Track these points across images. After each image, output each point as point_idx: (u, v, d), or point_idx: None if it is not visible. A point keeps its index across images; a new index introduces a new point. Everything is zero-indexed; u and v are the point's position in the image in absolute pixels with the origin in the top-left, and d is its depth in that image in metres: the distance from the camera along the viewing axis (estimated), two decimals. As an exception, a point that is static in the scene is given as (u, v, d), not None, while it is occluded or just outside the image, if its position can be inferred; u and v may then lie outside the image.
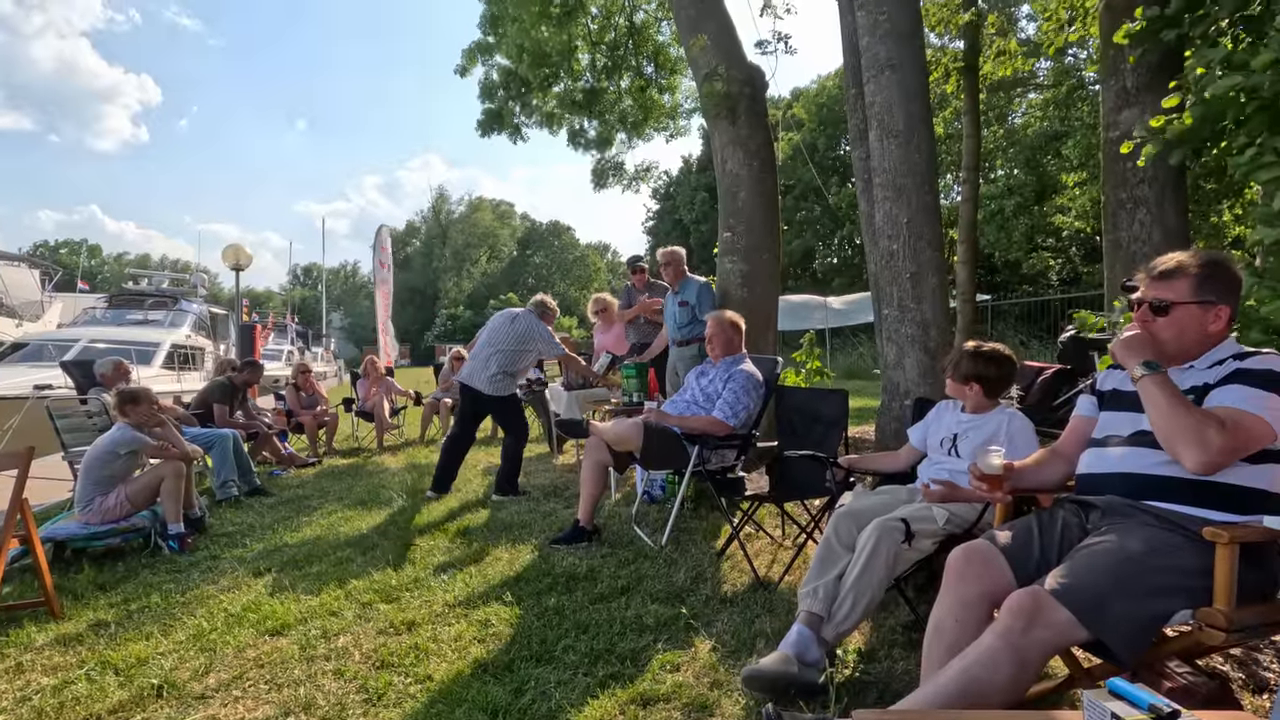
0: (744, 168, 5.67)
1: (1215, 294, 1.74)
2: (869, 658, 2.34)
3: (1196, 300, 1.75)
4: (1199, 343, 1.77)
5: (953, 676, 1.48)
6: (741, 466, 3.84)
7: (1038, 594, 1.51)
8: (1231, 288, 1.76)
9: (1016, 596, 1.52)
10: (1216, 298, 1.74)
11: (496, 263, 58.50)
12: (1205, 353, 1.78)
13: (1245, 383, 1.63)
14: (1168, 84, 3.45)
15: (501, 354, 5.03)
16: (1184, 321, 1.76)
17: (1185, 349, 1.79)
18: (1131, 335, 1.76)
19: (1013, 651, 1.45)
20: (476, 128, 9.85)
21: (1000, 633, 1.48)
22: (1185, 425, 1.58)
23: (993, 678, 1.44)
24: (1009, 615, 1.49)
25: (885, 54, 4.10)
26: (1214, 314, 1.74)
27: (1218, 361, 1.74)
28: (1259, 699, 2.05)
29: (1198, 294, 1.75)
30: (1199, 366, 1.77)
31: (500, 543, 3.82)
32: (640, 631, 2.59)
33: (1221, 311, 1.74)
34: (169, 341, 12.43)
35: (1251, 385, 1.62)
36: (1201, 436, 1.56)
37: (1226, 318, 1.75)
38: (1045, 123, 18.49)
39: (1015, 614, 1.48)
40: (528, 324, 5.14)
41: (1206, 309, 1.74)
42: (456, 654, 2.49)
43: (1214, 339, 1.77)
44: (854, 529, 2.30)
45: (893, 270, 4.14)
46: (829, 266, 28.03)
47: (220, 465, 5.36)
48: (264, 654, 2.57)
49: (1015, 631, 1.46)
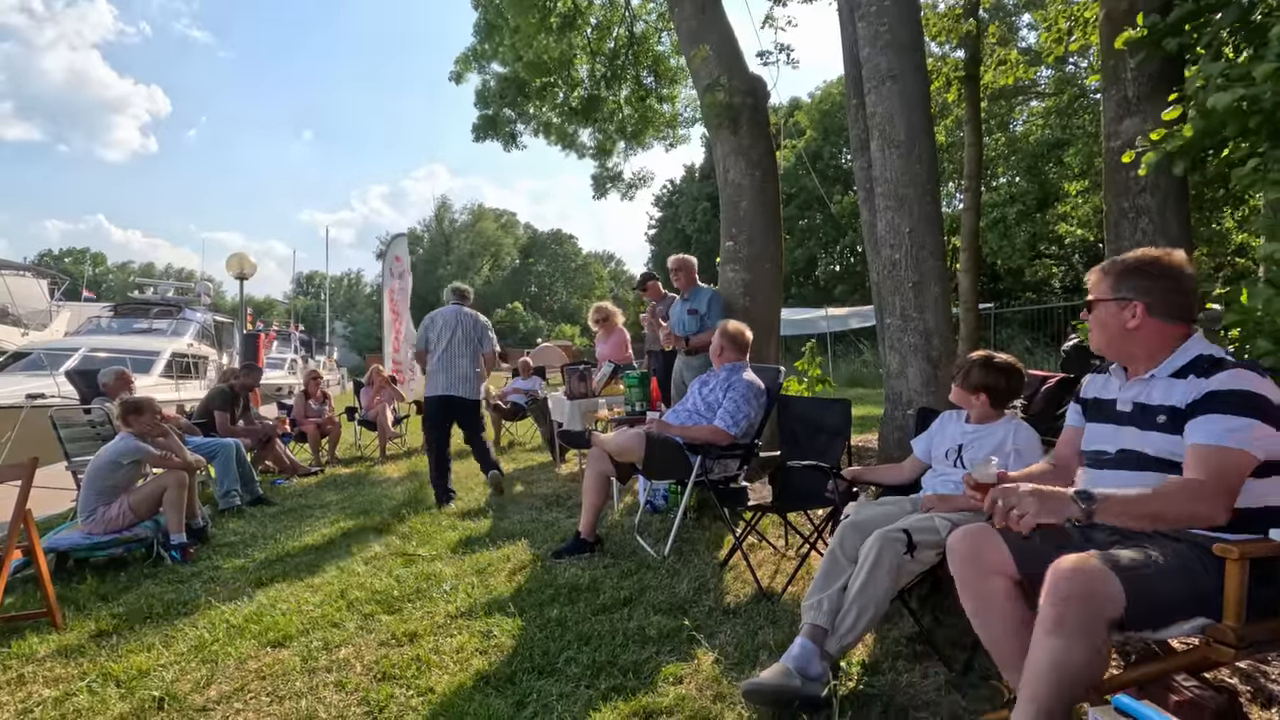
0: (746, 177, 5.68)
1: (1131, 291, 1.73)
2: (873, 670, 2.32)
3: (1113, 297, 1.75)
4: (1131, 341, 1.75)
5: (1043, 685, 1.44)
6: (744, 476, 3.83)
7: (1084, 569, 1.44)
8: (1153, 285, 1.71)
9: (1062, 584, 1.44)
10: (1132, 294, 1.72)
11: (499, 271, 58.67)
12: (1162, 357, 1.73)
13: (1221, 410, 1.56)
14: (1169, 93, 3.45)
15: (474, 351, 5.10)
16: (1104, 318, 1.77)
17: (1127, 350, 1.78)
18: (1037, 493, 1.49)
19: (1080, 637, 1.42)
20: (471, 132, 9.91)
21: (1052, 627, 1.43)
22: (1169, 509, 1.51)
23: (1076, 668, 1.43)
24: (1060, 603, 1.44)
25: (886, 65, 4.11)
26: (1130, 310, 1.73)
27: (1179, 371, 1.69)
28: (1267, 713, 2.03)
29: (1114, 291, 1.75)
30: (1160, 375, 1.72)
31: (502, 552, 3.81)
32: (643, 643, 2.57)
33: (1136, 308, 1.72)
34: (169, 350, 12.45)
35: (1229, 413, 1.55)
36: (1193, 509, 1.50)
37: (1143, 314, 1.72)
38: (1047, 131, 18.52)
39: (1064, 601, 1.43)
40: (479, 316, 5.25)
41: (1122, 306, 1.73)
42: (458, 666, 2.48)
43: (1150, 339, 1.73)
44: (858, 541, 2.28)
45: (895, 279, 4.14)
46: (831, 275, 28.04)
47: (223, 475, 5.37)
48: (265, 665, 2.56)
49: (1070, 620, 1.42)
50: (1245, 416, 1.54)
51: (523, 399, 8.37)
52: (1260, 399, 1.56)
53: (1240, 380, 1.58)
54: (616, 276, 65.01)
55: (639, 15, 9.58)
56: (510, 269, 59.06)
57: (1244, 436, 1.52)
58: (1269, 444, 1.54)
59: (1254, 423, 1.53)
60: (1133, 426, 1.76)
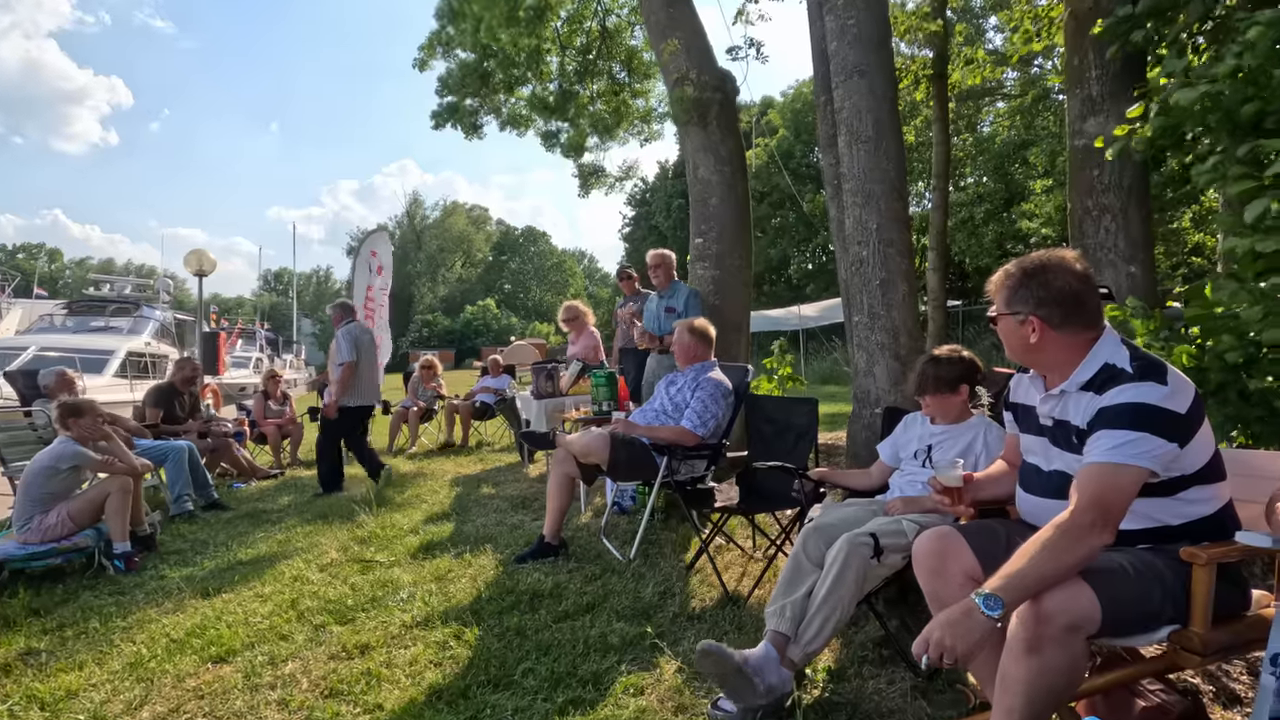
0: (715, 174, 5.62)
1: (1024, 304, 1.63)
2: (839, 677, 2.27)
3: (1009, 312, 1.66)
4: (1038, 354, 1.66)
5: (1019, 700, 1.39)
6: (712, 477, 3.76)
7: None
8: (1045, 296, 1.61)
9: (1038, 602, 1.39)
10: (1027, 310, 1.62)
11: (471, 268, 58.08)
12: (1070, 369, 1.64)
13: (1110, 426, 1.49)
14: (1131, 93, 3.47)
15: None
16: (1006, 334, 1.69)
17: (1037, 363, 1.71)
18: (944, 626, 1.38)
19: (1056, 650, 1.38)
20: (430, 119, 9.68)
21: (1028, 647, 1.38)
22: (1060, 561, 1.40)
23: (1051, 685, 1.39)
24: (1033, 623, 1.39)
25: (854, 59, 4.08)
26: (1029, 326, 1.63)
27: (1083, 384, 1.61)
28: (1230, 712, 2.02)
29: (1009, 305, 1.67)
30: (1070, 390, 1.64)
31: (464, 558, 3.70)
32: (604, 652, 2.49)
33: (1034, 323, 1.62)
34: (125, 349, 12.04)
35: (1118, 429, 1.48)
36: (1080, 553, 1.40)
37: (1042, 329, 1.61)
38: (1013, 131, 18.83)
39: (1037, 621, 1.39)
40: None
41: (1020, 322, 1.64)
42: (411, 680, 2.37)
43: (1056, 352, 1.64)
44: (822, 545, 2.23)
45: (862, 277, 4.11)
46: (804, 273, 28.23)
47: (175, 479, 5.16)
48: (205, 683, 2.42)
49: (1048, 638, 1.38)
50: (1134, 430, 1.46)
51: (491, 398, 8.23)
52: (1152, 411, 1.47)
53: (1128, 393, 1.50)
54: (591, 274, 64.82)
55: (611, 9, 9.48)
56: (483, 266, 58.48)
57: (1131, 451, 1.45)
58: (1164, 457, 1.47)
59: (1142, 435, 1.45)
60: (1056, 446, 1.70)
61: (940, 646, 1.36)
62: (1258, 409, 2.54)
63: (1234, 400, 2.54)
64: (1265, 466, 1.80)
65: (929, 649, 1.37)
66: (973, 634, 1.35)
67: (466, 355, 42.88)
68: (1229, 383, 2.53)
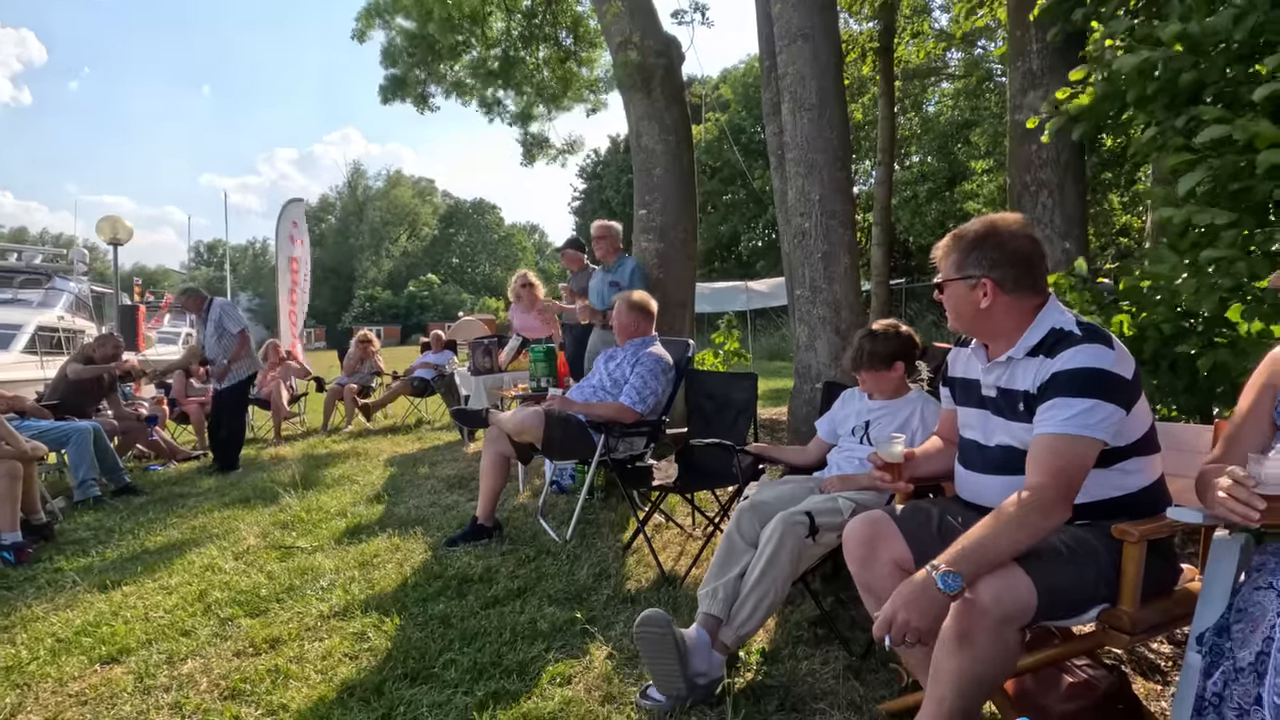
0: (660, 143, 5.46)
1: (978, 267, 1.60)
2: (772, 658, 2.21)
3: (960, 276, 1.62)
4: (987, 321, 1.62)
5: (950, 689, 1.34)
6: (652, 454, 3.67)
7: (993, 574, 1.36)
8: (1000, 258, 1.58)
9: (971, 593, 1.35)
10: (980, 271, 1.59)
11: (417, 241, 56.47)
12: (1018, 335, 1.60)
13: (1063, 393, 1.46)
14: (1072, 67, 3.45)
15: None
16: (955, 299, 1.65)
17: (985, 330, 1.66)
18: (903, 602, 1.36)
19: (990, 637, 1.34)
20: (378, 93, 9.23)
21: (961, 641, 1.34)
22: (1018, 537, 1.37)
23: (984, 674, 1.35)
24: (965, 616, 1.34)
25: (799, 22, 3.96)
26: (980, 289, 1.59)
27: (1033, 350, 1.57)
28: (1150, 682, 2.04)
29: (960, 269, 1.62)
30: (1017, 356, 1.60)
31: (392, 541, 3.52)
32: (533, 639, 2.38)
33: (986, 285, 1.58)
34: (34, 323, 11.18)
35: (1069, 395, 1.45)
36: (1040, 526, 1.38)
37: (994, 291, 1.58)
38: (956, 112, 19.15)
39: (970, 615, 1.34)
40: None
41: (972, 285, 1.61)
42: (321, 676, 2.21)
43: (1006, 317, 1.60)
44: (757, 523, 2.15)
45: (804, 249, 4.04)
46: (754, 250, 28.34)
47: (78, 462, 4.77)
48: (90, 687, 2.21)
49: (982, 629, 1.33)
50: (1088, 398, 1.43)
51: (430, 374, 7.95)
52: (1104, 375, 1.45)
53: (1083, 357, 1.47)
54: (541, 248, 63.80)
55: (556, -29, 9.10)
56: (429, 239, 56.92)
57: (1086, 420, 1.42)
58: (1116, 424, 1.45)
59: (1096, 403, 1.42)
60: (999, 416, 1.65)
61: (904, 627, 1.34)
62: (1183, 378, 2.57)
63: (1164, 371, 2.56)
64: (1192, 441, 1.79)
65: (890, 629, 1.35)
66: (933, 610, 1.34)
67: (413, 331, 41.81)
68: (1161, 354, 2.55)
